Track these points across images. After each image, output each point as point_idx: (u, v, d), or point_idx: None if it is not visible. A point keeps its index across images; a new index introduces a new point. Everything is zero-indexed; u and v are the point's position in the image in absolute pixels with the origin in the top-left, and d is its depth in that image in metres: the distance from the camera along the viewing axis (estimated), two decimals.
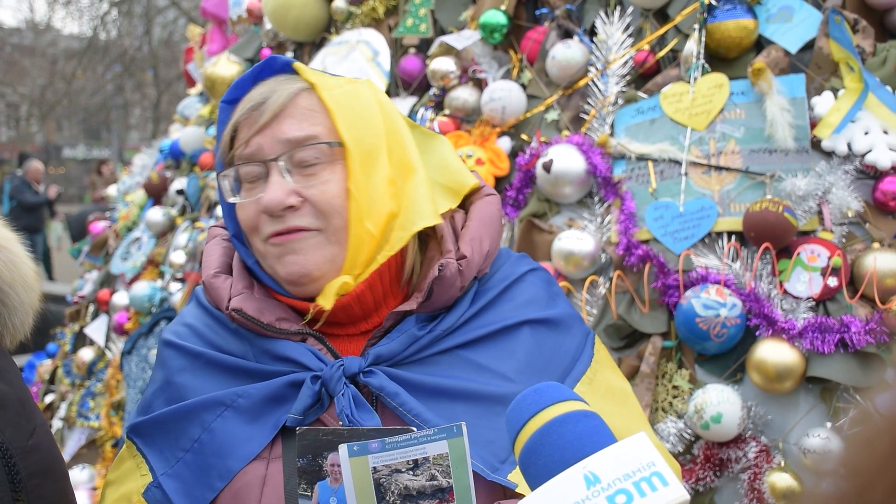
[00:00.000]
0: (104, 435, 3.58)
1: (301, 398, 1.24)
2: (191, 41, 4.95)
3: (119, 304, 3.97)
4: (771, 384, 1.97)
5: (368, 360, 1.27)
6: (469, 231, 1.36)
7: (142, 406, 1.38)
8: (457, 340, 1.31)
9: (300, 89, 1.30)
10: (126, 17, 24.50)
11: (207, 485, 1.24)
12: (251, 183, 1.29)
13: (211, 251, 1.42)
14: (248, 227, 1.30)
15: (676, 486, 0.90)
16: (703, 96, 2.31)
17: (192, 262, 3.76)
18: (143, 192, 4.54)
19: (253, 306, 1.29)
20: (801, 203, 2.10)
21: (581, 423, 0.99)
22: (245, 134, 1.28)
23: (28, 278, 1.46)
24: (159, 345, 1.42)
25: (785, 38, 2.28)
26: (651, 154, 2.33)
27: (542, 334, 1.35)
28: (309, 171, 1.28)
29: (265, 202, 1.25)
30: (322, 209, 1.27)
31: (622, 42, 2.50)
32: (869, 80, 2.12)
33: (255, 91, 1.31)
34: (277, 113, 1.27)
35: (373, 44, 3.20)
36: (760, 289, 2.06)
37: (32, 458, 1.33)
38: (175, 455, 1.28)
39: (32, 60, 25.80)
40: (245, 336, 1.33)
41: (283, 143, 1.27)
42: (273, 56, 1.36)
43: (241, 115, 1.29)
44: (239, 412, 1.27)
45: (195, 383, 1.32)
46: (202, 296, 1.43)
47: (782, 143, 2.15)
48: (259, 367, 1.30)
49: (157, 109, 24.74)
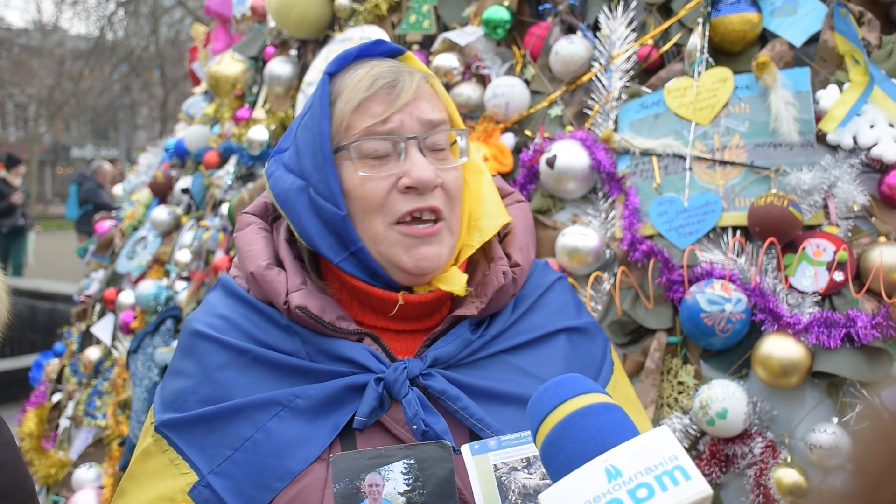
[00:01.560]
0: (111, 434, 3.58)
1: (366, 400, 1.23)
2: (195, 40, 4.95)
3: (125, 303, 3.98)
4: (776, 379, 1.96)
5: (427, 362, 1.27)
6: (517, 239, 1.40)
7: (171, 400, 1.33)
8: (502, 345, 1.34)
9: (423, 76, 1.31)
10: (133, 16, 24.57)
11: (264, 485, 1.21)
12: (377, 159, 1.27)
13: (252, 240, 1.38)
14: (374, 205, 1.27)
15: (699, 480, 0.89)
16: (707, 91, 2.29)
17: (198, 260, 3.76)
18: (149, 191, 4.55)
19: (315, 304, 1.28)
20: (807, 197, 2.09)
21: (603, 416, 0.98)
22: (379, 109, 1.26)
23: None
24: (188, 336, 1.37)
25: (789, 31, 2.27)
26: (655, 149, 2.32)
27: (575, 341, 1.40)
28: (440, 156, 1.31)
29: (420, 175, 1.24)
30: (452, 196, 1.31)
31: (626, 37, 2.49)
32: (874, 72, 2.11)
33: (372, 69, 1.29)
34: (415, 94, 1.27)
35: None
36: (766, 284, 2.05)
37: None
38: (221, 453, 1.24)
39: (40, 61, 25.90)
40: (298, 333, 1.30)
41: (423, 124, 1.28)
42: (381, 40, 1.36)
43: (370, 90, 1.26)
44: (297, 413, 1.24)
45: (240, 380, 1.28)
46: (236, 286, 1.39)
47: (787, 136, 2.14)
48: (316, 367, 1.27)
49: (164, 109, 24.82)
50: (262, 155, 3.53)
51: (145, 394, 3.41)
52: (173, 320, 3.63)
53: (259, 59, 3.91)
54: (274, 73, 3.55)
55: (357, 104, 1.27)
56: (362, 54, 1.35)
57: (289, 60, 3.59)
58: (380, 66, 1.30)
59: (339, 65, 1.32)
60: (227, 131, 3.87)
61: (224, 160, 3.88)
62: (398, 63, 1.33)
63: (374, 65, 1.31)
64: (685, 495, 0.88)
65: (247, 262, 1.34)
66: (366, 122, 1.26)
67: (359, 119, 1.27)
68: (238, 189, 3.65)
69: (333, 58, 1.33)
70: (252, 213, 1.43)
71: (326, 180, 1.27)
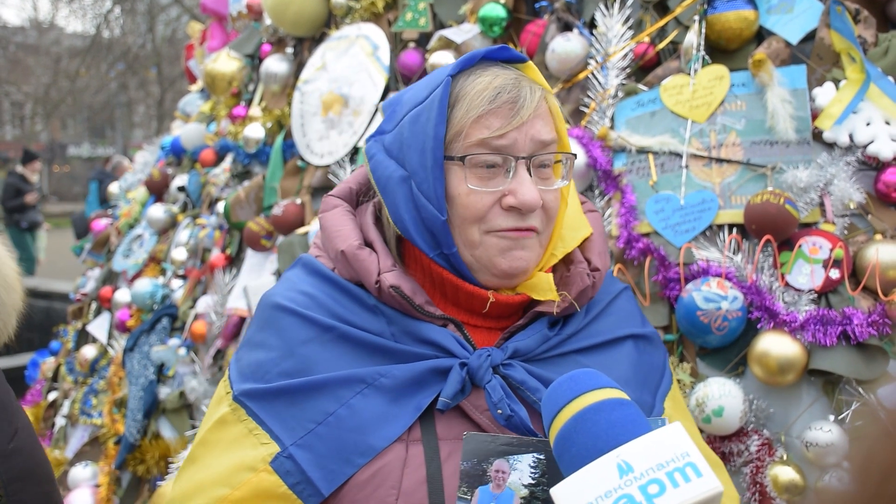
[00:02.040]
0: (107, 432, 3.58)
1: (450, 383, 1.26)
2: (191, 38, 4.95)
3: (121, 301, 3.97)
4: (773, 377, 1.96)
5: (507, 352, 1.31)
6: (595, 245, 1.45)
7: (250, 371, 1.35)
8: (574, 346, 1.38)
9: (543, 93, 1.33)
10: (129, 14, 24.54)
11: (345, 459, 1.24)
12: (486, 171, 1.29)
13: (341, 221, 1.41)
14: (475, 217, 1.30)
15: (710, 478, 0.90)
16: (703, 88, 2.29)
17: (194, 258, 3.75)
18: (145, 189, 4.54)
19: (407, 286, 1.31)
20: (803, 195, 2.09)
21: (616, 412, 0.99)
22: (496, 123, 1.27)
23: (9, 279, 1.45)
24: (269, 309, 1.39)
25: (786, 28, 2.27)
26: (651, 147, 2.31)
27: (641, 348, 1.44)
28: (544, 175, 1.33)
29: (527, 199, 1.27)
30: (550, 215, 1.34)
31: (622, 34, 2.48)
32: (871, 70, 2.10)
33: (495, 79, 1.30)
34: (533, 112, 1.29)
35: (372, 38, 3.19)
36: (762, 281, 2.05)
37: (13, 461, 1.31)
38: (303, 426, 1.26)
39: (36, 59, 25.85)
40: (384, 314, 1.33)
41: (535, 143, 1.30)
42: (506, 46, 1.36)
43: (494, 103, 1.27)
44: (380, 391, 1.27)
45: (324, 356, 1.31)
46: (319, 264, 1.42)
47: (783, 134, 2.14)
48: (400, 348, 1.31)
49: (160, 107, 24.78)
50: (258, 153, 3.52)
51: (141, 392, 3.40)
52: (169, 318, 3.62)
53: (255, 56, 3.90)
54: (270, 71, 3.54)
55: (477, 116, 1.28)
56: (487, 58, 1.35)
57: (285, 58, 3.58)
58: (502, 76, 1.30)
59: (462, 66, 1.33)
60: (224, 129, 3.86)
61: (220, 158, 3.87)
62: (520, 74, 1.33)
63: (497, 74, 1.31)
64: (696, 492, 0.88)
65: (336, 241, 1.37)
66: (482, 133, 1.27)
67: (476, 130, 1.28)
68: (234, 187, 3.64)
69: (458, 59, 1.33)
70: (337, 196, 1.47)
71: (433, 184, 1.29)
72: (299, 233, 3.07)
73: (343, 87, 3.17)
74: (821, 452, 1.87)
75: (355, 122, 3.11)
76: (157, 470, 3.27)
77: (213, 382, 3.23)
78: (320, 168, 3.20)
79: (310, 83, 3.30)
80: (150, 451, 3.30)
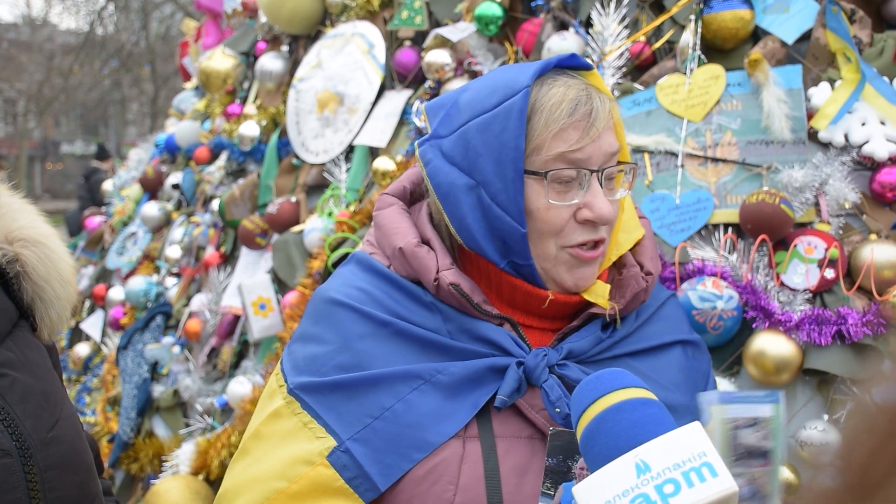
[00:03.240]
0: (100, 430, 3.57)
1: (507, 381, 1.28)
2: (186, 35, 4.93)
3: (115, 299, 3.96)
4: (768, 376, 1.96)
5: (562, 353, 1.33)
6: (647, 250, 1.46)
7: (305, 365, 1.35)
8: (626, 349, 1.39)
9: (611, 102, 1.34)
10: (123, 12, 24.46)
11: (402, 454, 1.24)
12: (563, 185, 1.30)
13: (397, 218, 1.42)
14: (553, 230, 1.31)
15: (726, 478, 0.90)
16: (699, 88, 2.29)
17: (188, 256, 3.74)
18: (139, 187, 4.53)
19: (467, 284, 1.32)
20: (798, 194, 2.09)
21: (637, 411, 1.01)
22: (575, 136, 1.27)
23: (64, 273, 1.48)
24: (323, 303, 1.40)
25: (781, 28, 2.27)
26: (647, 146, 2.31)
27: (689, 354, 1.46)
28: (610, 185, 1.34)
29: (604, 213, 1.29)
30: (613, 225, 1.37)
31: (618, 33, 2.48)
32: (866, 70, 2.11)
33: (568, 90, 1.29)
34: (606, 125, 1.30)
35: (368, 36, 3.18)
36: (757, 281, 2.05)
37: (52, 449, 1.33)
38: (360, 420, 1.27)
39: (29, 56, 25.72)
40: (441, 311, 1.35)
41: (606, 156, 1.31)
42: (574, 54, 1.36)
43: (573, 116, 1.27)
44: (437, 388, 1.28)
45: (381, 352, 1.32)
46: (374, 261, 1.42)
47: (779, 134, 2.14)
48: (457, 345, 1.32)
49: (154, 105, 24.70)
50: (252, 151, 3.51)
51: (135, 390, 3.39)
52: (163, 316, 3.61)
53: (250, 54, 3.89)
54: (265, 69, 3.54)
55: (558, 130, 1.27)
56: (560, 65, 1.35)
57: (280, 56, 3.57)
58: (574, 86, 1.30)
59: (539, 74, 1.31)
60: (218, 127, 3.85)
61: (215, 156, 3.87)
62: (588, 84, 1.33)
63: (569, 84, 1.30)
64: (710, 492, 0.89)
65: (394, 238, 1.38)
66: (561, 147, 1.28)
67: (556, 143, 1.28)
68: (229, 185, 3.64)
69: (535, 66, 1.31)
70: (392, 195, 1.48)
71: (513, 196, 1.28)
72: (294, 231, 3.06)
73: (338, 84, 3.17)
74: (815, 451, 1.88)
75: (350, 120, 3.11)
76: (150, 468, 3.26)
77: (208, 381, 3.22)
78: (315, 166, 3.19)
79: (305, 81, 3.30)
80: (143, 450, 3.30)
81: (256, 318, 2.93)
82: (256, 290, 2.95)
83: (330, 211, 2.94)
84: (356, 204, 2.94)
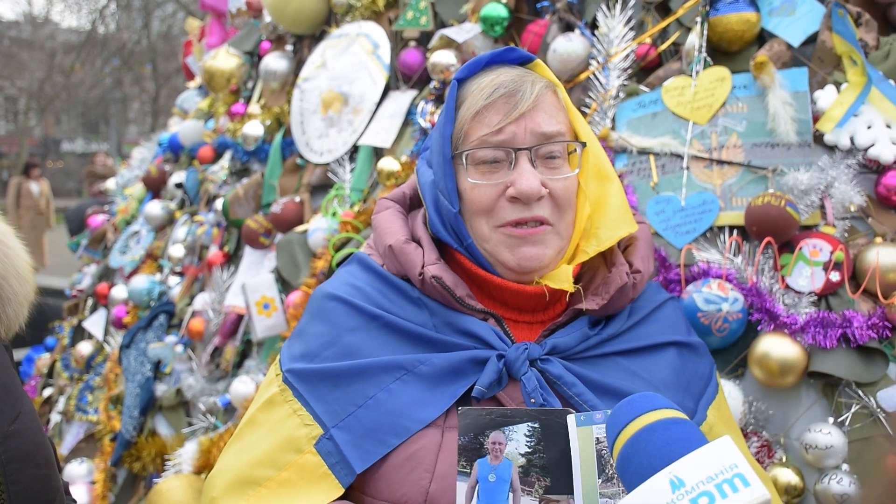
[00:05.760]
0: (102, 429, 3.57)
1: (486, 373, 1.31)
2: (190, 34, 4.93)
3: (118, 297, 3.96)
4: (773, 379, 1.96)
5: (546, 348, 1.35)
6: (639, 249, 1.49)
7: (300, 354, 1.41)
8: (615, 347, 1.41)
9: (546, 86, 1.38)
10: (124, 10, 24.48)
11: (380, 440, 1.29)
12: (488, 166, 1.35)
13: (390, 220, 1.49)
14: (481, 209, 1.36)
15: (758, 487, 0.93)
16: (704, 90, 2.29)
17: (191, 255, 3.75)
18: (142, 186, 4.54)
19: (449, 278, 1.37)
20: (804, 197, 2.09)
21: (669, 430, 1.04)
22: (495, 119, 1.34)
23: (22, 270, 1.49)
24: (320, 299, 1.47)
25: (787, 31, 2.27)
26: (652, 148, 2.31)
27: (685, 356, 1.47)
28: (552, 165, 1.37)
29: (523, 188, 1.32)
30: (560, 203, 1.37)
31: (624, 35, 2.48)
32: (872, 73, 2.11)
33: (497, 77, 1.37)
34: (532, 105, 1.34)
35: (373, 37, 3.19)
36: (762, 283, 2.05)
37: (13, 442, 1.35)
38: (345, 409, 1.32)
39: (31, 54, 25.72)
40: (427, 306, 1.40)
41: (536, 136, 1.35)
42: (512, 47, 1.43)
43: (489, 98, 1.34)
44: (419, 378, 1.33)
45: (369, 344, 1.37)
46: (370, 261, 1.49)
47: (784, 137, 2.14)
48: (441, 338, 1.36)
49: (155, 103, 24.72)
50: (256, 150, 3.52)
51: (137, 389, 3.39)
52: (166, 315, 3.61)
53: (254, 53, 3.89)
54: (269, 69, 3.54)
55: (476, 112, 1.35)
56: (493, 61, 1.42)
57: (284, 56, 3.57)
58: (506, 73, 1.37)
59: (469, 71, 1.41)
60: (222, 126, 3.85)
61: (218, 155, 3.87)
62: (525, 72, 1.40)
63: (501, 72, 1.38)
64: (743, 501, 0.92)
65: (385, 237, 1.45)
66: (481, 130, 1.34)
67: (476, 127, 1.35)
68: (232, 184, 3.64)
69: (464, 64, 1.41)
70: (390, 199, 1.56)
71: (445, 180, 1.37)
72: (298, 230, 3.06)
73: (343, 85, 3.17)
74: (820, 454, 1.88)
75: (355, 121, 3.11)
76: (152, 467, 3.26)
77: (211, 380, 3.22)
78: (319, 166, 3.20)
79: (310, 81, 3.30)
80: (146, 449, 3.30)
81: (260, 318, 2.93)
82: (260, 290, 2.95)
83: (334, 211, 2.94)
84: (360, 204, 2.94)
